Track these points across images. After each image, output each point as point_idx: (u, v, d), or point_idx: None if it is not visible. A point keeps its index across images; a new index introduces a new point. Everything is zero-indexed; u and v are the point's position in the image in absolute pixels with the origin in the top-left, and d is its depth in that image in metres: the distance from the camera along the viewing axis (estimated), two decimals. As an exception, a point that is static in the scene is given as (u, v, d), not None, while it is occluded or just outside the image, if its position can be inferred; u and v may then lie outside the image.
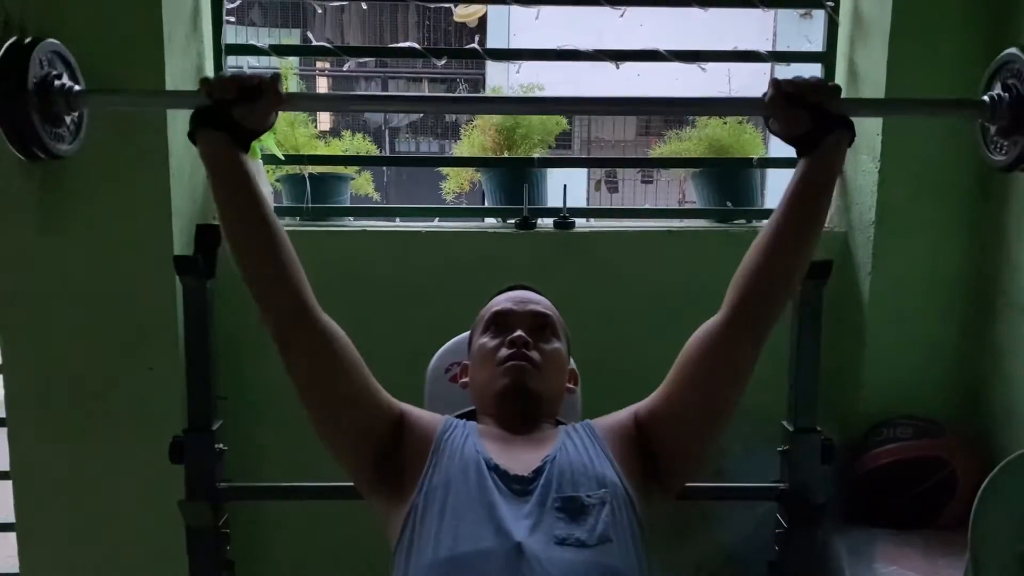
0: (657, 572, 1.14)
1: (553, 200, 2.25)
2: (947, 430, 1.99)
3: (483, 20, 6.94)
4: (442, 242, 2.16)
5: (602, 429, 1.27)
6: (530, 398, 1.29)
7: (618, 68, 2.20)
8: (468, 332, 1.51)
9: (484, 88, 6.55)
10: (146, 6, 1.87)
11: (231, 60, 2.18)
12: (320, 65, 7.34)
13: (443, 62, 2.22)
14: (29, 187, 1.88)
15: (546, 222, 2.19)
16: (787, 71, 2.60)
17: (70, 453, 2.00)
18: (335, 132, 2.45)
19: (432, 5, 2.28)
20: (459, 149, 2.37)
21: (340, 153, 2.30)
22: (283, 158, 2.14)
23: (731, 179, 2.27)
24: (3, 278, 1.94)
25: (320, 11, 8.03)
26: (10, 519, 2.05)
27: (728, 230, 2.23)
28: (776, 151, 4.26)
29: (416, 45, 2.19)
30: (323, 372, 1.18)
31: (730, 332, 1.18)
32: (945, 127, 2.07)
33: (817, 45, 2.24)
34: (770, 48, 2.52)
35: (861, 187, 2.13)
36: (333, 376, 1.18)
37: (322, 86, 7.84)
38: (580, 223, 2.21)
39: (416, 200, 2.37)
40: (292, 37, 7.42)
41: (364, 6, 2.37)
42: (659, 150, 2.40)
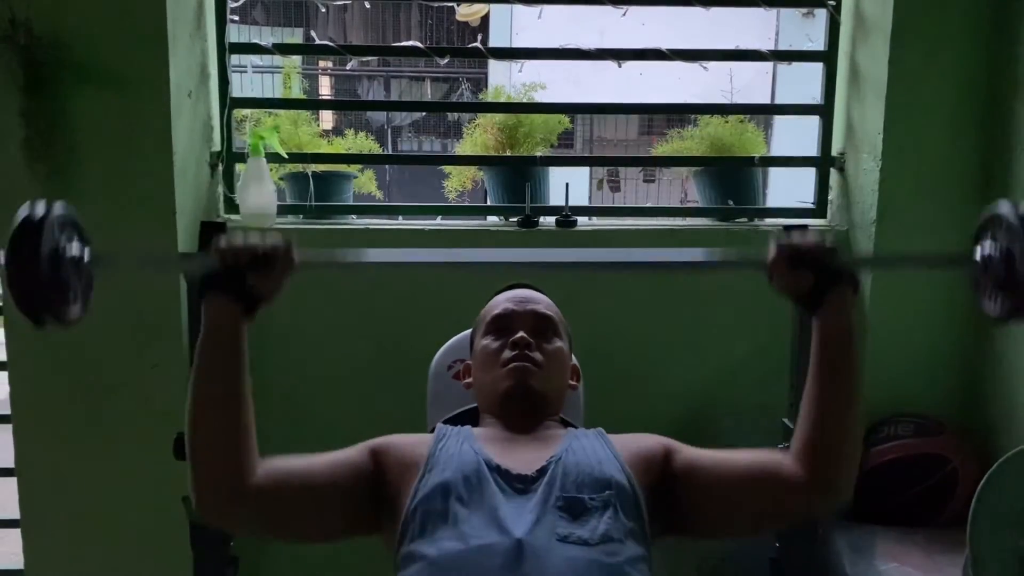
0: (659, 570, 1.14)
1: (555, 199, 2.26)
2: (948, 428, 2.00)
3: (485, 19, 6.93)
4: (444, 240, 2.16)
5: (619, 443, 1.27)
6: (534, 398, 1.30)
7: (620, 67, 2.21)
8: (470, 330, 1.52)
9: (486, 87, 6.56)
10: (150, 5, 1.88)
11: (235, 58, 2.19)
12: (323, 64, 7.35)
13: (446, 61, 2.23)
14: (34, 187, 1.88)
15: (548, 220, 2.20)
16: (789, 70, 2.62)
17: (74, 450, 2.01)
18: (338, 131, 2.46)
19: (435, 4, 2.29)
20: (462, 148, 2.38)
21: (343, 152, 2.31)
22: (287, 156, 2.15)
23: (732, 178, 2.28)
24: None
25: (324, 9, 8.04)
26: (15, 515, 2.07)
27: (729, 228, 2.23)
28: (778, 150, 4.27)
29: (419, 44, 2.20)
30: (283, 524, 1.15)
31: (803, 493, 1.13)
32: (947, 126, 2.08)
33: (819, 44, 2.25)
34: (772, 48, 2.52)
35: (862, 185, 2.14)
36: (293, 519, 1.15)
37: (324, 85, 7.85)
38: (582, 221, 2.22)
39: (418, 199, 2.37)
40: (295, 36, 7.42)
41: (367, 5, 2.37)
42: (661, 149, 2.40)
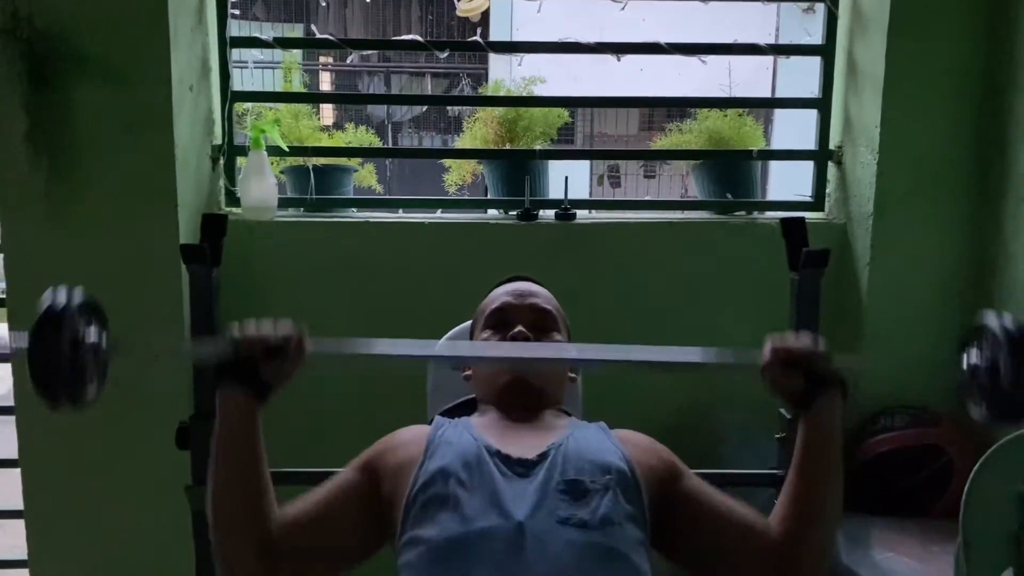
0: (657, 560, 1.15)
1: (555, 193, 2.27)
2: (944, 419, 2.02)
3: (486, 15, 6.93)
4: (444, 233, 2.18)
5: (620, 434, 1.28)
6: (532, 393, 1.32)
7: (619, 61, 2.22)
8: (470, 322, 1.53)
9: (487, 82, 6.56)
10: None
11: (236, 53, 2.20)
12: (323, 60, 7.36)
13: (445, 55, 2.24)
14: (37, 179, 1.90)
15: (548, 214, 2.21)
16: (789, 65, 2.63)
17: (77, 441, 2.02)
18: (338, 126, 2.47)
19: (435, -1, 2.30)
20: (461, 141, 2.39)
21: (344, 145, 2.32)
22: (287, 149, 2.17)
23: (731, 171, 2.29)
24: (11, 268, 1.97)
25: (324, 4, 8.05)
26: (19, 506, 2.08)
27: (728, 222, 2.24)
28: (776, 144, 4.27)
29: (419, 38, 2.21)
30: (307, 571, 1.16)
31: (777, 566, 1.14)
32: (943, 120, 2.09)
33: (817, 39, 2.26)
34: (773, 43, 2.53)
35: (860, 179, 2.15)
36: (315, 565, 1.17)
37: (325, 80, 7.86)
38: (581, 215, 2.23)
39: (418, 194, 2.38)
40: (295, 31, 7.43)
41: (367, 0, 2.37)
42: (660, 142, 2.41)
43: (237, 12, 2.22)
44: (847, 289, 2.16)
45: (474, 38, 2.26)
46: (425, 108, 8.44)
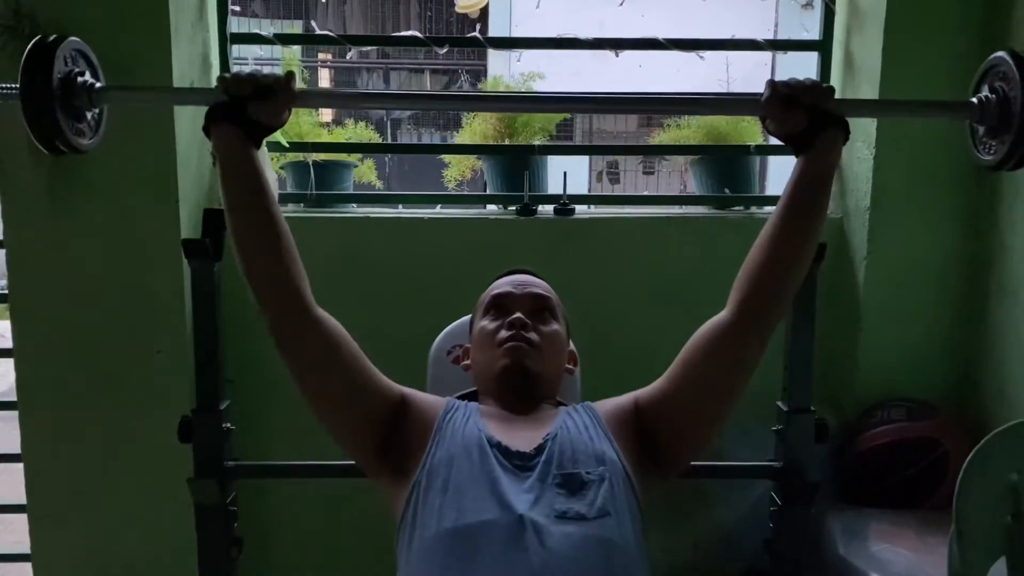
0: (655, 551, 1.17)
1: (554, 188, 2.28)
2: (940, 412, 2.03)
3: (484, 11, 6.94)
4: (444, 229, 2.19)
5: (603, 411, 1.30)
6: (529, 378, 1.32)
7: (617, 56, 2.23)
8: (469, 315, 1.54)
9: (485, 78, 6.56)
10: (153, -4, 1.90)
11: (236, 50, 2.21)
12: (322, 57, 7.36)
13: (445, 50, 2.25)
14: (39, 174, 1.91)
15: (547, 209, 2.23)
16: (785, 60, 2.64)
17: (79, 435, 2.04)
18: (338, 123, 2.48)
19: (434, -5, 2.31)
20: (461, 137, 2.40)
21: (344, 141, 2.33)
22: (287, 145, 2.18)
23: (729, 166, 2.30)
24: (13, 263, 1.98)
25: (323, 0, 8.04)
26: (21, 500, 2.09)
27: (726, 216, 2.26)
28: (774, 139, 4.29)
29: (418, 34, 2.22)
30: (319, 366, 1.21)
31: (737, 330, 1.20)
32: (939, 114, 2.10)
33: (815, 35, 2.27)
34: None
35: (857, 173, 2.16)
36: (329, 370, 1.21)
37: (324, 77, 7.86)
38: (580, 210, 2.24)
39: (418, 190, 2.39)
40: (294, 28, 7.42)
41: (367, -4, 2.38)
42: (658, 138, 2.42)
43: (237, 8, 2.23)
44: (844, 283, 2.18)
45: (473, 34, 2.27)
46: (424, 104, 8.43)
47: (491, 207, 2.36)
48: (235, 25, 2.20)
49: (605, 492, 1.13)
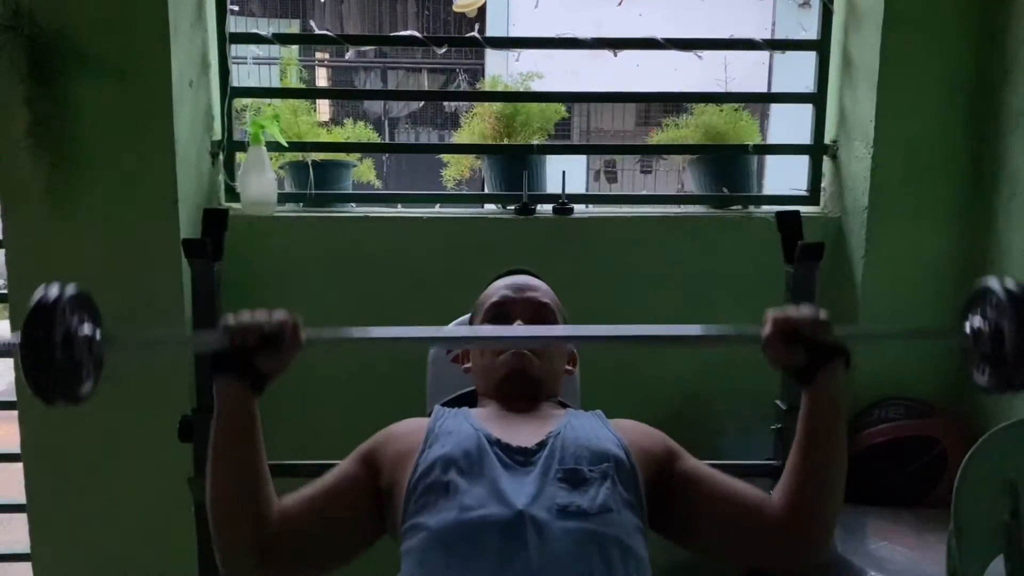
0: (654, 549, 1.17)
1: (552, 188, 2.29)
2: (938, 410, 2.04)
3: (482, 11, 6.94)
4: (442, 228, 2.19)
5: (616, 422, 1.30)
6: (531, 386, 1.33)
7: (615, 56, 2.23)
8: (468, 315, 1.54)
9: (484, 78, 6.57)
10: (152, -5, 1.91)
11: (234, 49, 2.21)
12: (320, 56, 7.36)
13: (443, 50, 2.25)
14: (39, 174, 1.91)
15: (545, 208, 2.23)
16: (785, 60, 2.64)
17: (79, 434, 2.04)
18: (336, 123, 2.48)
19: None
20: (459, 136, 2.40)
21: (342, 140, 2.33)
22: (287, 145, 2.18)
23: (727, 165, 2.30)
24: (14, 263, 1.98)
25: (321, 0, 8.03)
26: (21, 500, 2.09)
27: (724, 216, 2.26)
28: (772, 138, 4.29)
29: (416, 33, 2.22)
30: (306, 563, 1.17)
31: (784, 544, 1.16)
32: (937, 113, 2.10)
33: (812, 34, 2.27)
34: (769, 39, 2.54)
35: (854, 172, 2.17)
36: (319, 558, 1.18)
37: (322, 77, 7.86)
38: (579, 209, 2.25)
39: (416, 190, 2.40)
40: (292, 28, 7.42)
41: (365, -5, 2.38)
42: (656, 137, 2.43)
43: (235, 8, 2.23)
44: (842, 282, 2.18)
45: (471, 33, 2.27)
46: (422, 104, 8.44)
47: (490, 206, 2.36)
48: (233, 24, 2.20)
49: (607, 489, 1.13)
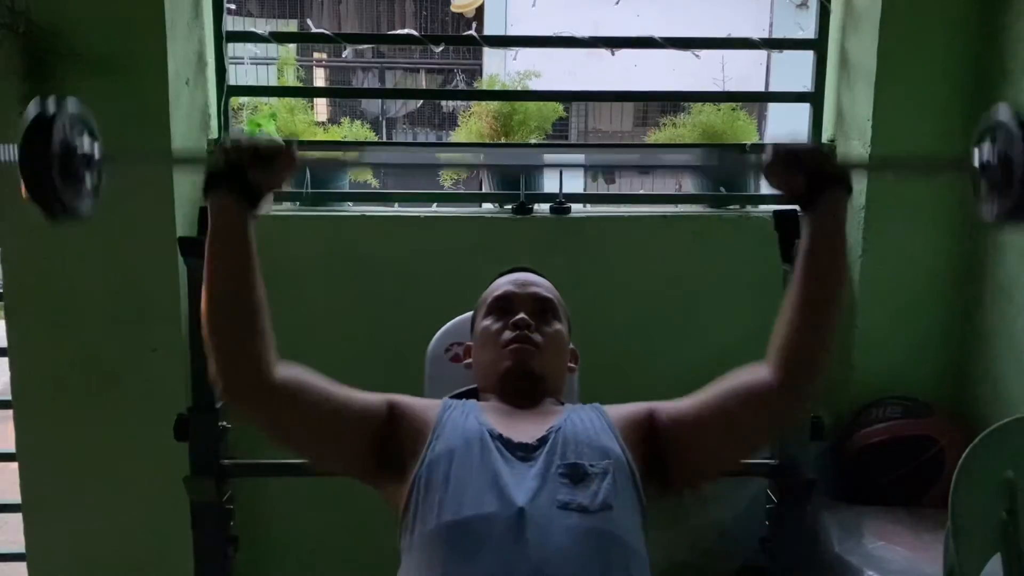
0: (653, 548, 1.17)
1: (550, 187, 2.29)
2: (935, 410, 2.04)
3: (480, 10, 6.94)
4: (440, 227, 2.19)
5: (613, 413, 1.29)
6: (533, 379, 1.32)
7: (613, 55, 2.23)
8: (466, 314, 1.54)
9: (481, 77, 6.57)
10: (149, -6, 1.90)
11: (231, 48, 2.21)
12: (317, 55, 7.34)
13: (440, 49, 2.25)
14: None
15: (543, 208, 2.23)
16: (783, 60, 2.64)
17: (75, 434, 2.03)
18: (333, 122, 2.48)
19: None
20: (456, 136, 2.40)
21: (339, 139, 2.33)
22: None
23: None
24: (9, 261, 1.97)
25: None
26: (16, 500, 2.09)
27: (721, 215, 2.26)
28: (770, 138, 4.29)
29: (414, 32, 2.22)
30: (287, 428, 1.18)
31: (780, 397, 1.17)
32: (934, 112, 2.10)
33: (810, 33, 2.27)
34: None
35: (852, 172, 2.16)
36: (298, 428, 1.19)
37: (319, 76, 7.84)
38: (576, 208, 2.25)
39: (413, 189, 2.40)
40: (290, 27, 7.42)
41: (362, -5, 2.38)
42: (655, 137, 2.43)
43: (233, 7, 2.23)
44: (839, 282, 2.18)
45: (469, 32, 2.27)
46: (420, 104, 8.42)
47: (487, 206, 2.36)
48: (230, 23, 2.20)
49: (608, 486, 1.13)
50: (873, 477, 2.02)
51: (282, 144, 1.14)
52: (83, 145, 1.08)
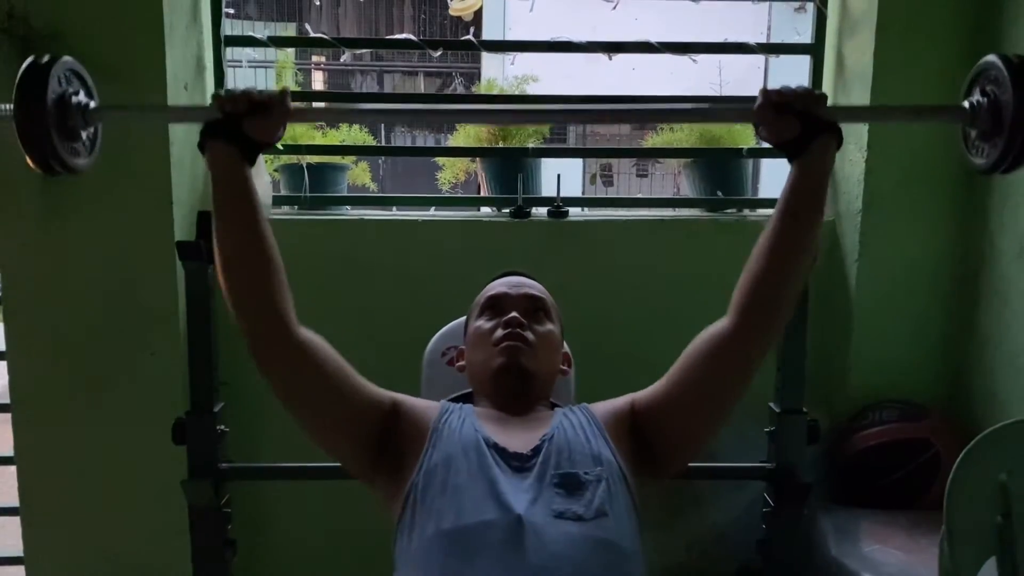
0: (649, 551, 1.17)
1: (547, 191, 2.29)
2: (931, 413, 2.04)
3: (478, 14, 6.95)
4: (438, 231, 2.19)
5: (599, 412, 1.30)
6: (525, 377, 1.32)
7: (611, 59, 2.23)
8: (463, 317, 1.55)
9: (479, 81, 6.58)
10: (147, -2, 1.90)
11: (229, 52, 2.21)
12: (316, 59, 7.36)
13: (439, 54, 2.25)
14: (32, 175, 1.89)
15: (540, 211, 2.23)
16: (778, 63, 2.65)
17: (73, 437, 2.03)
18: (332, 124, 2.49)
19: (428, -3, 2.32)
20: (455, 140, 2.40)
21: (338, 143, 2.33)
22: (281, 148, 2.18)
23: (722, 169, 2.31)
24: (7, 265, 1.97)
25: (317, 2, 8.04)
26: (14, 503, 2.08)
27: (718, 219, 2.27)
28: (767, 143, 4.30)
29: (412, 37, 2.23)
30: (305, 389, 1.20)
31: (739, 337, 1.19)
32: (930, 117, 2.11)
33: (807, 38, 2.28)
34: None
35: (849, 176, 2.17)
36: (315, 392, 1.20)
37: (318, 80, 7.86)
38: (574, 212, 2.25)
39: (412, 192, 2.40)
40: (288, 31, 7.43)
41: (360, -1, 2.39)
42: (652, 141, 2.43)
43: (231, 11, 2.24)
44: (836, 285, 2.19)
45: (467, 37, 2.27)
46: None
47: (485, 209, 2.37)
48: (229, 27, 2.21)
49: (602, 493, 1.13)
50: (869, 480, 2.02)
51: (276, 94, 1.16)
52: (79, 94, 1.08)
